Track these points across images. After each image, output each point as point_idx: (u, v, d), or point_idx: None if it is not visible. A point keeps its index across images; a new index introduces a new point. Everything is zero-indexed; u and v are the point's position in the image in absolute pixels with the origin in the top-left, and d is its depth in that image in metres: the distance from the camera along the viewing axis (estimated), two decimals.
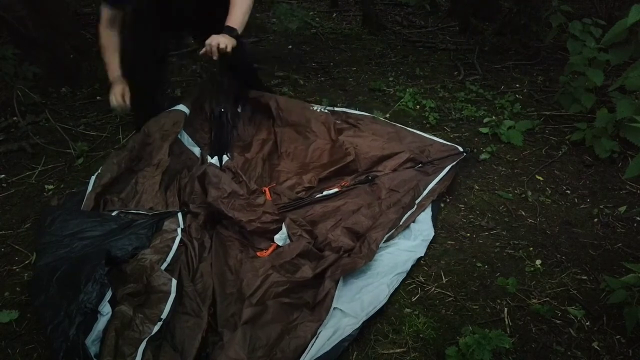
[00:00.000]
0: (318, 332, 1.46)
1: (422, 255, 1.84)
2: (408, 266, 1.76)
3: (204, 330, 1.44)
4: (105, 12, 2.19)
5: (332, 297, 1.55)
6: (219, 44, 2.01)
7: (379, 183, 2.13)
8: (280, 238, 1.83)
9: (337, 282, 1.59)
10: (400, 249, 1.83)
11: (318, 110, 2.58)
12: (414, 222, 1.97)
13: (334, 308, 1.54)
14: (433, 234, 1.94)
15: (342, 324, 1.49)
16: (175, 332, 1.45)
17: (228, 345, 1.38)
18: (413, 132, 2.54)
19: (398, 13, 5.78)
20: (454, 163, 2.29)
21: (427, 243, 1.89)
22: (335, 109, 2.71)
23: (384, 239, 1.83)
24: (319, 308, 1.53)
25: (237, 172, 2.16)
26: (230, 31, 2.07)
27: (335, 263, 1.68)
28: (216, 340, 1.44)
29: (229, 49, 2.03)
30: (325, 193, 2.10)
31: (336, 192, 2.10)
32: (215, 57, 2.03)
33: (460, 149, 2.39)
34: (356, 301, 1.57)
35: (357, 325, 1.50)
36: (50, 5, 3.00)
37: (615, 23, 1.97)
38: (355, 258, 1.69)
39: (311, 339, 1.43)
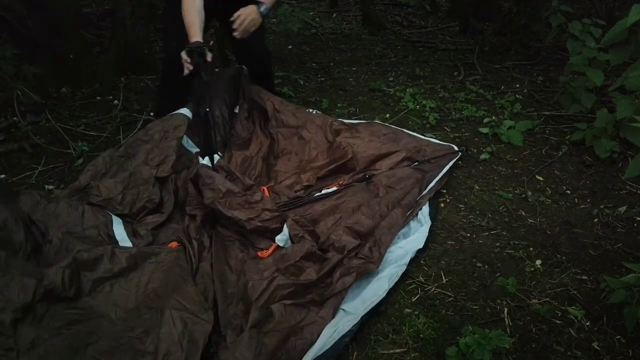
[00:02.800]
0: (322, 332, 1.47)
1: (421, 247, 1.84)
2: (407, 259, 1.77)
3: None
4: None
5: (342, 299, 1.56)
6: (246, 21, 1.81)
7: (376, 181, 2.14)
8: (281, 239, 1.82)
9: (348, 287, 1.59)
10: (398, 245, 1.84)
11: (314, 113, 2.59)
12: (412, 220, 1.99)
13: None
14: (430, 222, 1.96)
15: (343, 321, 1.50)
16: None
17: (234, 346, 1.37)
18: (409, 133, 2.56)
19: (398, 13, 5.77)
20: (451, 163, 2.31)
21: (426, 234, 1.90)
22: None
23: None
24: (327, 308, 1.53)
25: (230, 170, 2.13)
26: (261, 7, 1.88)
27: (341, 263, 1.69)
28: (219, 340, 1.44)
29: (252, 29, 1.86)
30: (324, 191, 2.11)
31: (335, 191, 2.11)
32: (239, 36, 1.85)
33: (456, 148, 2.43)
34: (357, 300, 1.58)
35: (357, 321, 1.50)
36: (50, 5, 3.00)
37: (615, 23, 1.98)
38: (367, 263, 1.70)
39: (316, 340, 1.44)
